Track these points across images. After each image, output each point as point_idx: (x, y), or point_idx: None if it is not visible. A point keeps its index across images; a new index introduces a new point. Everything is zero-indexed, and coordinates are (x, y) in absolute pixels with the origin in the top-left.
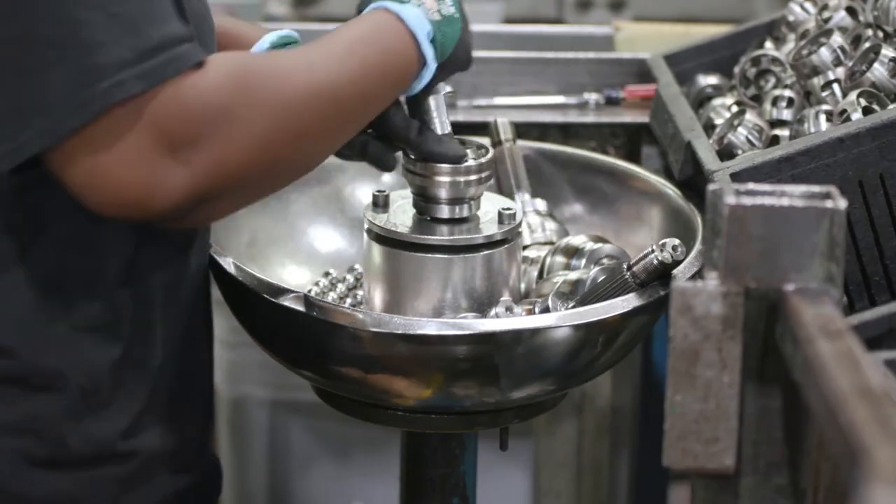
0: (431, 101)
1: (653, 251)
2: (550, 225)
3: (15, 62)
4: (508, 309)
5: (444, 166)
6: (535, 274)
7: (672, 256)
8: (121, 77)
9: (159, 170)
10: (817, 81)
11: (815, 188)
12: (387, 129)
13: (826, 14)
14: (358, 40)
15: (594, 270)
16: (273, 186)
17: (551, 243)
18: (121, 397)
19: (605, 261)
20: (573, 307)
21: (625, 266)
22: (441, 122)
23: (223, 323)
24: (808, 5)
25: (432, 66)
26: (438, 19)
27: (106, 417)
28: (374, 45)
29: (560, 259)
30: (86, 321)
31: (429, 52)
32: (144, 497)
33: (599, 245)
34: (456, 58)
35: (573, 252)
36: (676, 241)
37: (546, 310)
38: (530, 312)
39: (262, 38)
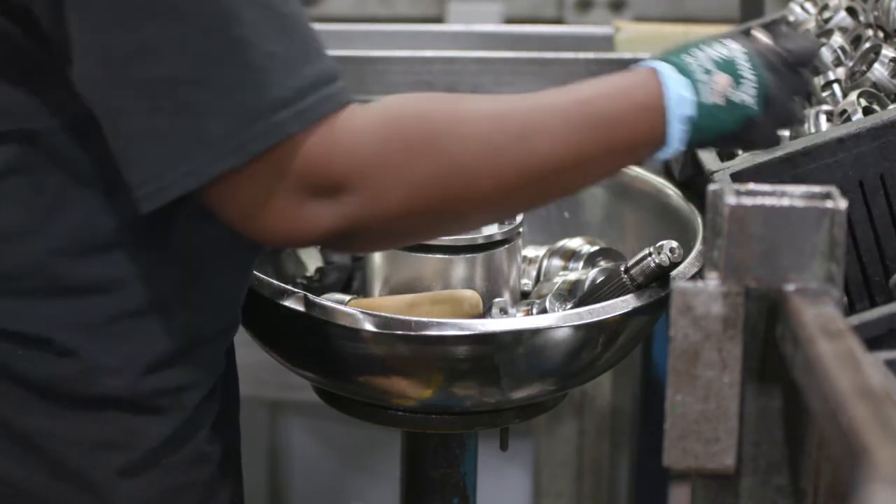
0: None
1: (650, 254)
2: None
3: (169, 100)
4: (502, 310)
5: None
6: (535, 273)
7: (669, 259)
8: (278, 118)
9: (307, 210)
10: (817, 81)
11: (816, 188)
12: None
13: (826, 14)
14: (589, 104)
15: (593, 272)
16: (437, 230)
17: None
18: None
19: (601, 263)
20: (571, 308)
21: (622, 268)
22: None
23: None
24: (808, 5)
25: (674, 147)
26: (717, 104)
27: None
28: (607, 115)
29: (557, 262)
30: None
31: (676, 134)
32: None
33: (596, 248)
34: (732, 139)
35: (570, 255)
36: (674, 244)
37: (543, 311)
38: (528, 313)
39: None
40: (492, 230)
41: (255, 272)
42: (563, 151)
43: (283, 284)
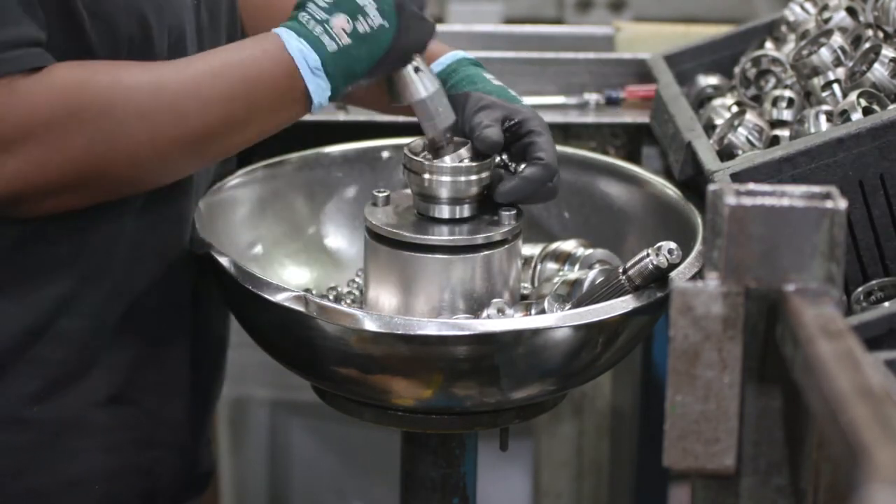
0: (404, 72)
1: (648, 255)
2: None
3: None
4: (500, 311)
5: (444, 166)
6: (529, 273)
7: (668, 260)
8: None
9: None
10: (817, 81)
11: (816, 188)
12: None
13: (826, 14)
14: (233, 66)
15: (593, 272)
16: (109, 192)
17: None
18: (29, 363)
19: (597, 265)
20: (569, 309)
21: (620, 269)
22: (424, 86)
23: None
24: (808, 5)
25: (322, 99)
26: (344, 45)
27: (10, 383)
28: (248, 74)
29: (552, 265)
30: None
31: (316, 89)
32: (57, 469)
33: (591, 250)
34: (390, 57)
35: (565, 257)
36: (672, 245)
37: (542, 311)
38: (527, 314)
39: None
40: (491, 231)
41: (254, 273)
42: (215, 117)
43: (282, 284)
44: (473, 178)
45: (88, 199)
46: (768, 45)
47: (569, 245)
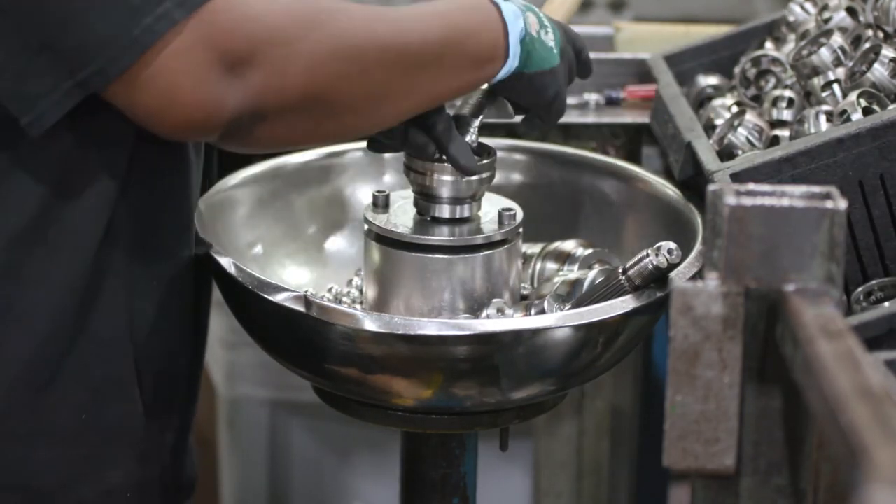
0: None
1: (648, 255)
2: None
3: (59, 8)
4: (500, 311)
5: (446, 165)
6: (528, 273)
7: (668, 260)
8: (161, 10)
9: (219, 85)
10: (817, 82)
11: (816, 188)
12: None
13: (826, 14)
14: (448, 12)
15: (593, 272)
16: (330, 124)
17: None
18: (75, 374)
19: (596, 265)
20: (569, 309)
21: (620, 269)
22: (473, 137)
23: (223, 323)
24: (808, 5)
25: (513, 63)
26: (532, 35)
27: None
28: (463, 21)
29: (551, 265)
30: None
31: (515, 49)
32: (100, 478)
33: (591, 250)
34: (549, 75)
35: (565, 257)
36: (672, 245)
37: (542, 311)
38: (527, 314)
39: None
40: (492, 230)
41: (254, 273)
42: (430, 49)
43: (282, 284)
44: (474, 177)
45: (322, 125)
46: (768, 45)
47: (569, 245)
